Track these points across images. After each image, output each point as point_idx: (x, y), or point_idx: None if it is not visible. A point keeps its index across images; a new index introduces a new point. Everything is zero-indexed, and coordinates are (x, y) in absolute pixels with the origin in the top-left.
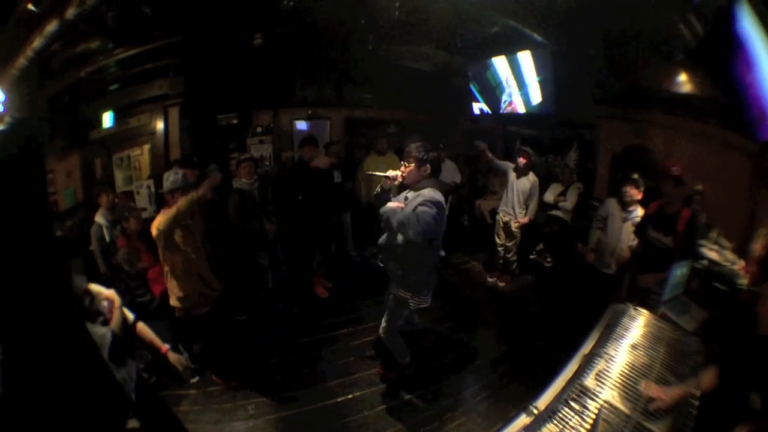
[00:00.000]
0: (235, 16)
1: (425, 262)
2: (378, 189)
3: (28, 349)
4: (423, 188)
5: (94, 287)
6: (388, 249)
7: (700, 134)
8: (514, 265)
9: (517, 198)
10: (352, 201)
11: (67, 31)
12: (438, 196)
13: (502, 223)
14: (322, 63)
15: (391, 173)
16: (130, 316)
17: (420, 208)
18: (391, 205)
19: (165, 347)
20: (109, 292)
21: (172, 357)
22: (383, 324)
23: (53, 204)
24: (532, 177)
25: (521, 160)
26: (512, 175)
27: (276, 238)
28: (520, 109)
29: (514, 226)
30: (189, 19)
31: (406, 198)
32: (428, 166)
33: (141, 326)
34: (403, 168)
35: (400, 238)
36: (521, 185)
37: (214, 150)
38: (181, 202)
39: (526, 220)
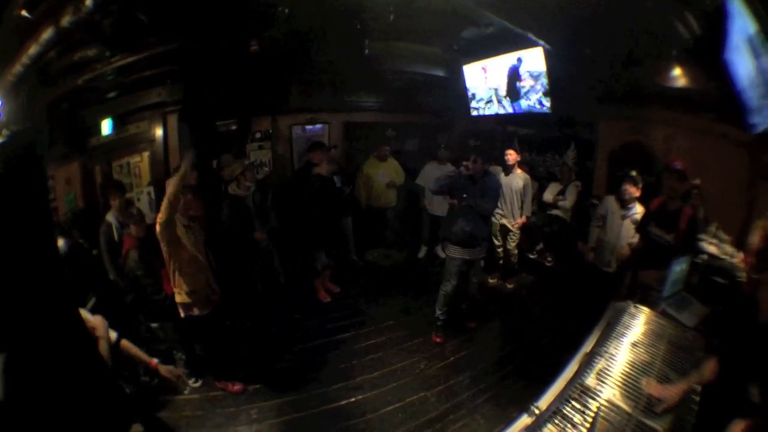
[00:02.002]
0: (231, 22)
1: None
2: (451, 176)
3: (30, 356)
4: (488, 175)
5: (82, 312)
6: (482, 221)
7: (698, 128)
8: (516, 264)
9: (511, 198)
10: (352, 205)
11: (63, 38)
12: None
13: (499, 226)
14: (320, 68)
15: (466, 164)
16: (113, 335)
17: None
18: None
19: (154, 361)
20: (95, 320)
21: (163, 369)
22: (477, 282)
23: (54, 211)
24: (524, 175)
25: (508, 158)
26: (501, 175)
27: (269, 246)
28: (518, 108)
29: (512, 226)
30: (186, 26)
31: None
32: (487, 164)
33: (125, 343)
34: (471, 162)
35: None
36: (514, 184)
37: (213, 156)
38: (169, 188)
39: (523, 219)
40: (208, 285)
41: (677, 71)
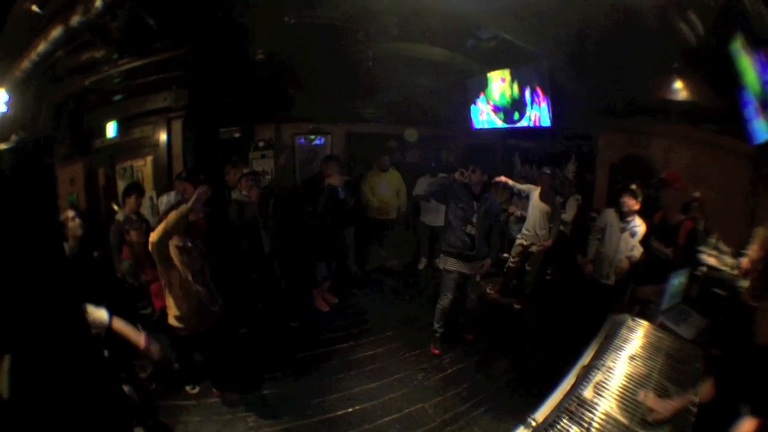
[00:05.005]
0: (238, 30)
1: None
2: (437, 178)
3: (36, 358)
4: (486, 191)
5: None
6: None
7: (698, 140)
8: (530, 288)
9: (541, 219)
10: (354, 216)
11: (72, 38)
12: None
13: (521, 248)
14: (323, 79)
15: (461, 170)
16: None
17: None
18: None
19: (142, 341)
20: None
21: (154, 350)
22: (475, 297)
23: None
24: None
25: (544, 184)
26: (534, 197)
27: (272, 252)
28: (519, 122)
29: (536, 249)
30: (193, 32)
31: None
32: (486, 174)
33: (116, 323)
34: (470, 171)
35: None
36: (543, 206)
37: (216, 163)
38: (171, 215)
39: (549, 242)
40: (198, 308)
41: (678, 83)
